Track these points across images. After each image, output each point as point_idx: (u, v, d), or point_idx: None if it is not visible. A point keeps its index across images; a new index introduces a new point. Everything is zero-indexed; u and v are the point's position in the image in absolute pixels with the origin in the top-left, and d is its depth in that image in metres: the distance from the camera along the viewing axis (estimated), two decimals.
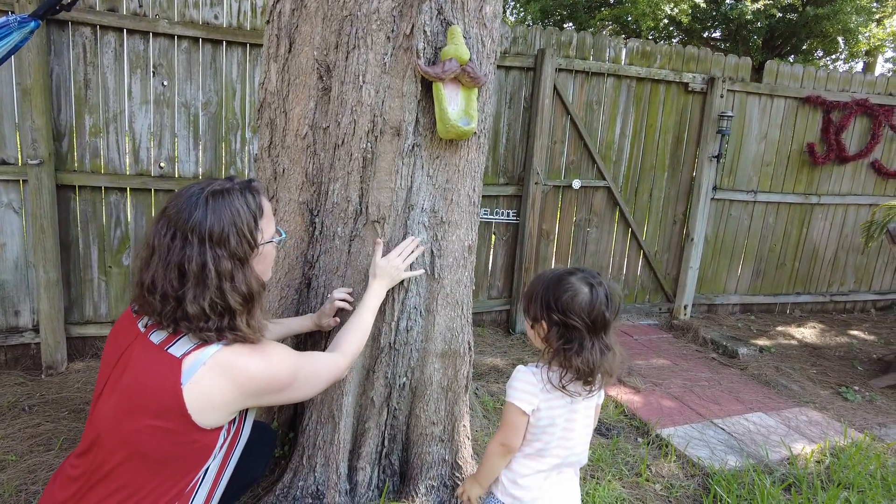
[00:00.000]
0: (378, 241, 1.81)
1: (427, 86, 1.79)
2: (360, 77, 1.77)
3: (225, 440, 1.18)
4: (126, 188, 3.32)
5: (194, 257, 1.10)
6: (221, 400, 1.11)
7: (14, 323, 3.25)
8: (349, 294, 1.85)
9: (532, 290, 1.43)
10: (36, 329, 3.26)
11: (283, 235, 1.34)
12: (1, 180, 3.05)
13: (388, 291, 1.91)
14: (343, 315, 1.81)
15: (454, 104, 1.79)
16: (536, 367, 1.41)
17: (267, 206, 1.26)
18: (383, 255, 1.79)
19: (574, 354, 1.32)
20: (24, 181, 3.07)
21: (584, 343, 1.33)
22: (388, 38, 1.74)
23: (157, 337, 1.15)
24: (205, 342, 1.12)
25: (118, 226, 3.35)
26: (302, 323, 1.89)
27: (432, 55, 1.78)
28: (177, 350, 1.11)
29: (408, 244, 1.83)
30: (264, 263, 1.27)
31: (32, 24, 1.97)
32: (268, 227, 1.26)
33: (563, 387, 1.35)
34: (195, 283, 1.10)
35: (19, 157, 3.07)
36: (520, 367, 1.42)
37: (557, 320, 1.34)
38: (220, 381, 1.10)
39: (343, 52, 1.82)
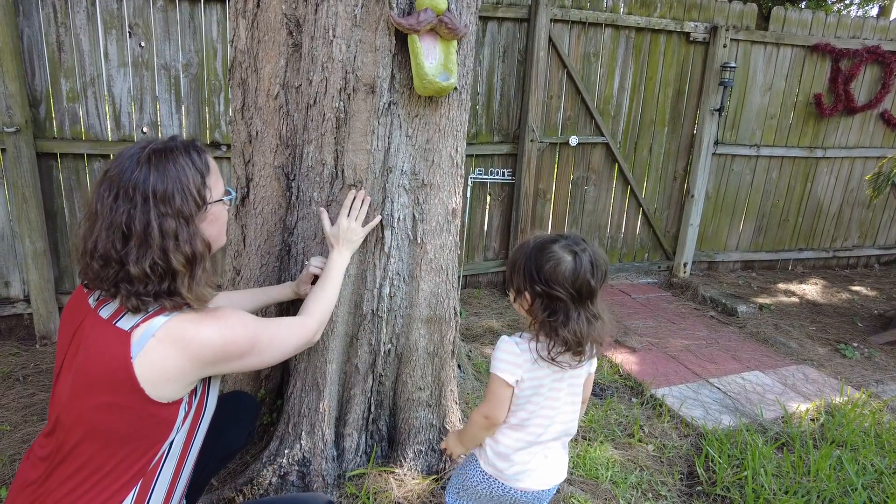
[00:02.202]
0: (322, 210, 1.74)
1: (402, 39, 1.68)
2: (331, 31, 1.67)
3: (187, 413, 1.15)
4: (109, 155, 3.23)
5: (137, 216, 1.05)
6: (175, 371, 1.06)
7: (5, 294, 3.23)
8: (325, 262, 1.80)
9: (514, 261, 1.36)
10: (27, 299, 3.24)
11: (233, 194, 1.28)
12: None
13: (369, 257, 1.86)
14: None
15: (431, 58, 1.69)
16: (521, 337, 1.36)
17: (213, 165, 1.21)
18: (332, 223, 1.73)
19: (560, 326, 1.27)
20: (2, 150, 2.99)
21: (570, 314, 1.27)
22: None
23: (106, 311, 1.10)
24: (152, 312, 1.07)
25: None
26: (281, 291, 1.84)
27: (406, 6, 1.67)
28: (125, 323, 1.07)
29: (349, 200, 1.74)
30: (216, 225, 1.21)
31: None
32: (216, 186, 1.20)
33: (553, 359, 1.30)
34: (138, 244, 1.05)
35: None
36: (504, 337, 1.37)
37: (541, 291, 1.27)
38: (171, 351, 1.05)
39: (312, 5, 1.70)
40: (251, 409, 1.75)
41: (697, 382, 3.04)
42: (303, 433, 1.93)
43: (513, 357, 1.33)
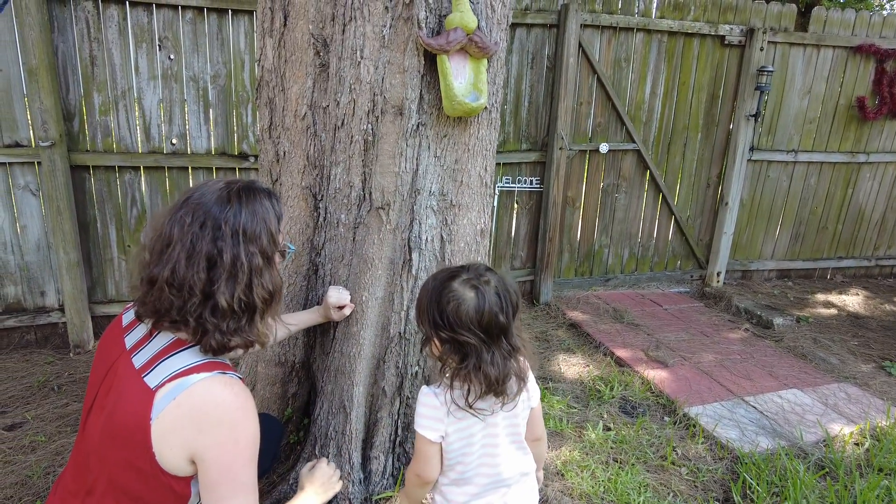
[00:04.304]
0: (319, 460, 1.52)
1: (431, 59, 1.65)
2: (358, 52, 1.64)
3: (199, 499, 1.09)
4: (139, 167, 3.27)
5: (227, 249, 1.05)
6: (176, 437, 1.02)
7: (41, 303, 3.30)
8: (341, 292, 1.81)
9: (419, 303, 1.24)
10: (62, 309, 3.30)
11: (293, 249, 1.32)
12: (16, 163, 3.04)
13: (397, 280, 1.83)
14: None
15: (461, 78, 1.65)
16: (440, 386, 1.25)
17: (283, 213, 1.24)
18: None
19: (473, 371, 1.15)
20: (38, 163, 3.05)
21: (482, 356, 1.14)
22: (387, 7, 1.60)
23: (139, 360, 1.07)
24: (186, 369, 1.04)
25: (134, 205, 3.33)
26: (311, 317, 1.84)
27: (436, 25, 1.63)
28: (152, 380, 1.03)
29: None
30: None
31: None
32: (281, 234, 1.23)
33: (471, 406, 1.18)
34: (227, 276, 1.05)
35: (32, 138, 3.04)
36: (423, 388, 1.27)
37: (447, 337, 1.16)
38: (182, 414, 1.01)
39: (339, 25, 1.68)
40: (276, 433, 1.74)
41: (732, 401, 2.94)
42: (330, 456, 1.91)
43: (433, 411, 1.22)
